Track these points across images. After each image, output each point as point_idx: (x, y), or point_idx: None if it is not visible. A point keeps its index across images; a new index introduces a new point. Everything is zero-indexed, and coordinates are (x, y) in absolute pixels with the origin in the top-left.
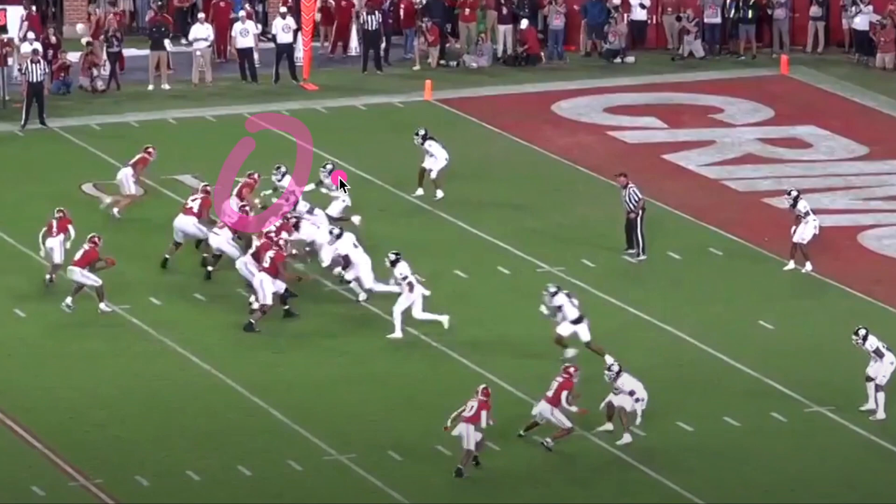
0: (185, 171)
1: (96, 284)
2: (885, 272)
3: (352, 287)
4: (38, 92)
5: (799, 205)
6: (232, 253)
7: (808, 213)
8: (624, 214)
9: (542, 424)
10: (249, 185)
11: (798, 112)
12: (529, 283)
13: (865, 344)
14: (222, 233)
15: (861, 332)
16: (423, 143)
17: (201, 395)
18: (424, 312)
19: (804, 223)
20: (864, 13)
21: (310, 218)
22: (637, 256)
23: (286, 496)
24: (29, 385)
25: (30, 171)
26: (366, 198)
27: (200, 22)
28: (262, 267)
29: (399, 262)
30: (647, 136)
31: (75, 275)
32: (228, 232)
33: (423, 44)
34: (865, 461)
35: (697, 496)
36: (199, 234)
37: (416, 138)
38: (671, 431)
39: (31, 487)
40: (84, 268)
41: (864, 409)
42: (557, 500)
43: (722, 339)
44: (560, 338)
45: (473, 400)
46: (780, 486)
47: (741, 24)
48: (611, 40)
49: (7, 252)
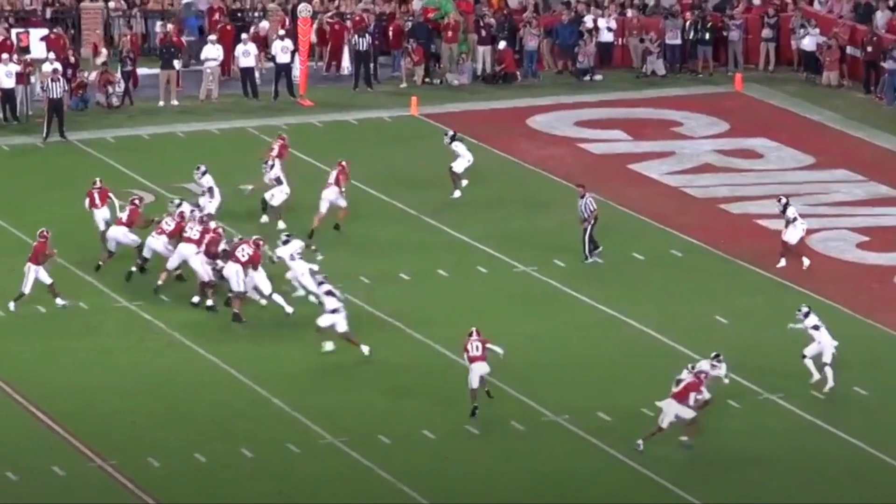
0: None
1: (136, 244)
2: (831, 272)
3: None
4: (57, 108)
5: (788, 211)
6: (168, 255)
7: (795, 218)
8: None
9: (666, 429)
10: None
11: (751, 126)
12: (506, 281)
13: (806, 320)
14: (160, 237)
15: (804, 309)
16: (450, 143)
17: (207, 385)
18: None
19: (792, 226)
20: (811, 35)
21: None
22: (584, 260)
23: (285, 476)
24: (49, 376)
25: (51, 180)
26: (357, 203)
27: (211, 43)
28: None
29: (289, 242)
30: (613, 147)
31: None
32: (165, 237)
33: (409, 63)
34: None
35: (657, 474)
36: (130, 243)
37: (444, 138)
38: (636, 416)
39: (52, 468)
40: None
41: (814, 382)
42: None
43: (682, 332)
44: (320, 329)
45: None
46: (736, 463)
47: (699, 45)
48: (580, 60)
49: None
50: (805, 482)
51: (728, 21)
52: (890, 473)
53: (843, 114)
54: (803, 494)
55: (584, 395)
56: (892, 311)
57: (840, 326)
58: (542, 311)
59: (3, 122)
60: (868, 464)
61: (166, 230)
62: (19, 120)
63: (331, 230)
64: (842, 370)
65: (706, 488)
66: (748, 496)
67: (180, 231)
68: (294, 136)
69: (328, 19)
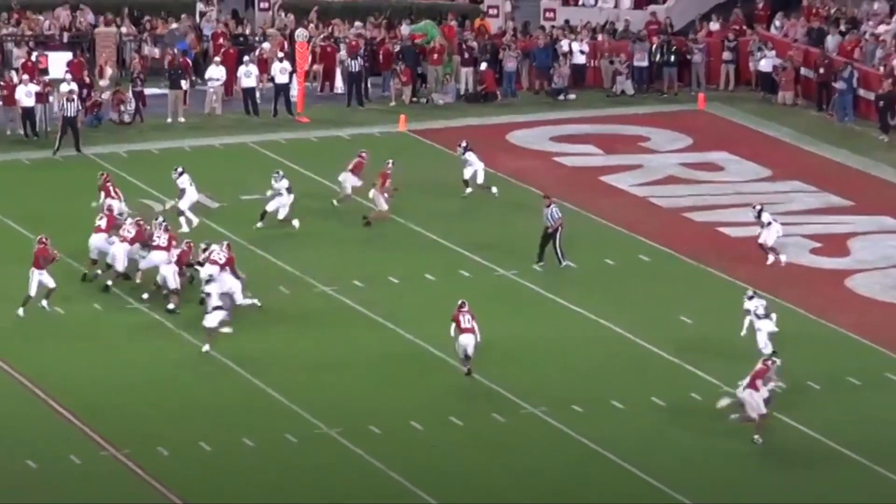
0: (199, 191)
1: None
2: (787, 275)
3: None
4: (72, 124)
5: (762, 216)
6: (121, 262)
7: (770, 222)
8: (543, 228)
9: (767, 414)
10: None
11: (712, 141)
12: (487, 284)
13: (749, 303)
14: (123, 245)
15: (748, 293)
16: (463, 153)
17: (212, 379)
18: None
19: (767, 230)
20: (767, 57)
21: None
22: (559, 265)
23: (283, 463)
24: (66, 373)
25: (68, 190)
26: (349, 211)
27: (215, 64)
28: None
29: (209, 247)
30: (586, 160)
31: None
32: (128, 245)
33: (398, 84)
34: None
35: (629, 463)
36: (108, 251)
37: (458, 149)
38: (606, 410)
39: (69, 456)
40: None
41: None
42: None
43: (649, 331)
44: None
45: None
46: (700, 453)
47: (665, 66)
48: (556, 81)
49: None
50: (762, 470)
51: (691, 45)
52: (839, 460)
53: (798, 130)
54: (759, 481)
55: (559, 389)
56: (843, 312)
57: (795, 326)
58: (520, 312)
59: (24, 137)
60: (821, 453)
61: (127, 237)
62: (39, 136)
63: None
64: (797, 365)
65: (673, 476)
66: (709, 477)
67: (142, 238)
68: (291, 150)
69: (320, 42)
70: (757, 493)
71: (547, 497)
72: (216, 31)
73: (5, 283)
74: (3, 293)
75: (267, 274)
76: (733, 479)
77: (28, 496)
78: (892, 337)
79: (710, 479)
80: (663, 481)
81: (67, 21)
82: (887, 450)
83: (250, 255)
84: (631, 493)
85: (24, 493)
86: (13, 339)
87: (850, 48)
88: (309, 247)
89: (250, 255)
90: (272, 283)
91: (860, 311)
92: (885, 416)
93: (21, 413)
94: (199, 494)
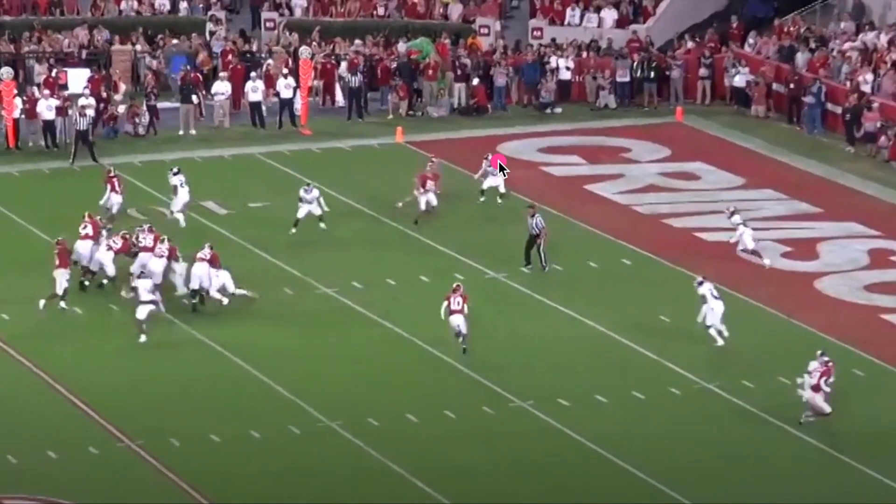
0: (208, 199)
1: (98, 264)
2: (760, 278)
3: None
4: (83, 138)
5: (733, 218)
6: (110, 267)
7: (741, 224)
8: (528, 234)
9: (830, 413)
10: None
11: (690, 152)
12: (478, 285)
13: (700, 288)
14: (108, 253)
15: (698, 278)
16: (488, 166)
17: (221, 376)
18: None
19: (743, 235)
20: (741, 73)
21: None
22: (543, 270)
23: (288, 454)
24: (85, 369)
25: (86, 197)
26: (349, 218)
27: (221, 80)
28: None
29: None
30: (571, 170)
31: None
32: (112, 253)
33: (395, 98)
34: (740, 425)
35: (612, 453)
36: (93, 257)
37: (483, 162)
38: (591, 403)
39: (87, 447)
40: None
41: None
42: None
43: (630, 330)
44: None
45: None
46: (677, 442)
47: (645, 82)
48: (543, 95)
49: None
50: (732, 457)
51: (670, 61)
52: (809, 451)
53: (769, 141)
54: (729, 467)
55: (546, 384)
56: (813, 312)
57: (767, 325)
58: (510, 312)
59: (45, 149)
60: (792, 444)
61: (114, 248)
62: (59, 147)
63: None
64: (768, 363)
65: (652, 464)
66: (684, 462)
67: (128, 249)
68: (295, 160)
69: (321, 59)
70: (725, 477)
71: (535, 485)
72: (225, 48)
73: (26, 285)
74: (25, 294)
75: (272, 276)
76: (706, 464)
77: (49, 484)
78: (859, 335)
79: (685, 464)
80: (643, 469)
81: (86, 39)
82: (851, 440)
83: (257, 259)
84: (613, 480)
85: (46, 482)
86: (37, 339)
87: (819, 64)
88: (312, 251)
89: (257, 258)
90: (277, 285)
91: (829, 311)
92: (851, 409)
93: (43, 408)
94: (209, 482)
